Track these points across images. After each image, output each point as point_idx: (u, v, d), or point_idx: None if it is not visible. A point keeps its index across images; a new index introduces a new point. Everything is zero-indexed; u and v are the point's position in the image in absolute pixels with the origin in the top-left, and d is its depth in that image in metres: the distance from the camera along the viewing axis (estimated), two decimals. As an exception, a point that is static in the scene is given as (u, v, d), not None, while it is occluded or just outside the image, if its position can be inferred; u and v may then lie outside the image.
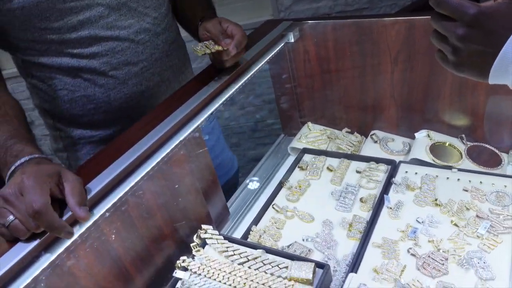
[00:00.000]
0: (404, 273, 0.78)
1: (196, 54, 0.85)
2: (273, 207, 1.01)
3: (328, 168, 1.10)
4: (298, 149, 1.19)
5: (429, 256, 0.78)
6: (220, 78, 0.93)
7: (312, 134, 1.24)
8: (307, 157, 1.16)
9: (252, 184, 1.16)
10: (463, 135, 1.05)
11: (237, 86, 0.93)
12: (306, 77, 1.20)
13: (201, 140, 0.91)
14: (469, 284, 0.74)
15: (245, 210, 1.08)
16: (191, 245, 0.84)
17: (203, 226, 0.84)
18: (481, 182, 0.93)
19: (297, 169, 1.13)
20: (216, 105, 0.87)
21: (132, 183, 0.72)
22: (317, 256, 0.86)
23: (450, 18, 0.54)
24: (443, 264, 0.76)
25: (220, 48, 0.84)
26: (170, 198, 0.85)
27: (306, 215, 0.97)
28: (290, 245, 0.90)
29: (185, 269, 0.81)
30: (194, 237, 0.84)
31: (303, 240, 0.91)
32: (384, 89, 1.09)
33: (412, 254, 0.80)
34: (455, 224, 0.84)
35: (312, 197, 1.03)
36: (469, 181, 0.94)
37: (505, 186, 0.94)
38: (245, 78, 0.95)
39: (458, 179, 0.95)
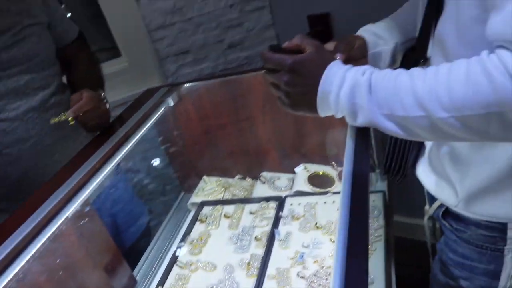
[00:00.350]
0: (297, 296, 0.85)
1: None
2: (177, 265, 1.04)
3: (225, 215, 1.17)
4: (197, 203, 1.25)
5: (314, 275, 0.87)
6: (103, 148, 0.97)
7: (208, 187, 1.31)
8: (205, 209, 1.22)
9: (157, 245, 1.19)
10: (333, 163, 1.20)
11: (121, 154, 0.98)
12: (193, 135, 1.29)
13: (93, 213, 0.94)
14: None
15: (152, 273, 1.09)
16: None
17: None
18: (352, 200, 1.07)
19: (197, 223, 1.18)
20: (100, 177, 0.91)
21: (17, 268, 0.72)
22: (221, 301, 0.91)
23: (277, 70, 0.66)
24: (326, 279, 0.86)
25: (64, 117, 0.94)
26: (66, 277, 0.84)
27: (208, 265, 1.01)
28: (197, 297, 0.93)
29: None
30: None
31: (209, 289, 0.95)
32: (260, 136, 1.22)
33: (302, 277, 0.89)
34: (333, 241, 0.95)
35: (213, 246, 1.09)
36: (343, 201, 1.07)
37: (373, 200, 1.09)
38: (128, 146, 1.01)
39: (333, 201, 1.08)
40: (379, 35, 0.81)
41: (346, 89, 0.59)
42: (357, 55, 0.77)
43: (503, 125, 0.49)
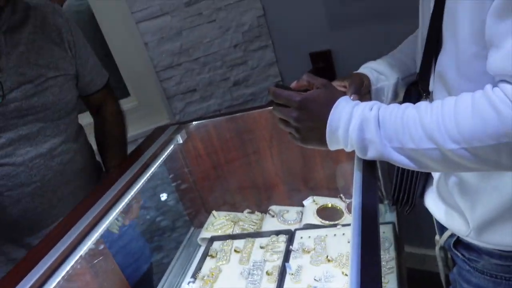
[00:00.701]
0: (311, 331, 0.85)
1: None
2: (188, 301, 1.04)
3: (235, 250, 1.17)
4: (207, 238, 1.26)
5: (328, 310, 0.87)
6: (115, 187, 0.99)
7: (217, 222, 1.32)
8: (215, 244, 1.22)
9: (168, 281, 1.18)
10: (341, 195, 1.21)
11: (131, 194, 1.00)
12: (202, 171, 1.31)
13: (106, 251, 0.95)
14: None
15: (164, 311, 1.09)
16: None
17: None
18: (361, 232, 1.07)
19: (208, 258, 1.18)
20: (111, 217, 0.93)
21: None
22: (234, 338, 0.90)
23: (286, 106, 0.70)
24: (340, 314, 0.85)
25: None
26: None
27: (220, 301, 1.01)
28: (208, 334, 0.92)
29: None
30: None
31: (220, 326, 0.94)
32: (268, 170, 1.24)
33: (315, 312, 0.88)
34: (346, 274, 0.95)
35: (224, 282, 1.08)
36: (353, 233, 1.08)
37: (384, 232, 1.09)
38: (139, 185, 1.03)
39: (343, 234, 1.08)
40: (380, 71, 0.85)
41: (355, 125, 0.61)
42: (362, 91, 0.81)
43: None
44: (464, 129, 0.52)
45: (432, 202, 0.84)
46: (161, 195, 1.22)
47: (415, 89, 0.79)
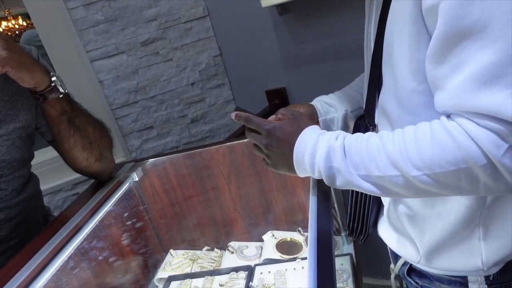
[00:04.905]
0: None
1: None
2: None
3: (194, 290, 1.14)
4: (164, 279, 1.21)
5: None
6: (66, 227, 0.94)
7: (175, 260, 1.28)
8: (173, 285, 1.18)
9: (122, 329, 1.12)
10: (300, 228, 1.22)
11: (84, 233, 0.96)
12: (158, 209, 1.29)
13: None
14: None
15: None
16: None
17: None
18: (320, 264, 1.08)
19: (165, 300, 1.14)
20: (62, 257, 0.88)
21: None
22: None
23: (258, 132, 0.72)
24: None
25: None
26: None
27: None
28: None
29: None
30: None
31: None
32: (227, 206, 1.24)
33: None
34: (306, 308, 0.95)
35: (183, 323, 1.04)
36: (311, 266, 1.08)
37: (342, 263, 1.10)
38: (92, 224, 0.99)
39: (303, 267, 1.08)
40: (330, 103, 0.90)
41: (321, 154, 0.64)
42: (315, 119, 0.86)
43: (471, 180, 0.54)
44: (424, 156, 0.55)
45: (385, 231, 0.87)
46: (116, 236, 1.17)
47: (363, 122, 0.83)
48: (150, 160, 1.25)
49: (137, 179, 1.22)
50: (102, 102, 1.88)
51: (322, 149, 0.65)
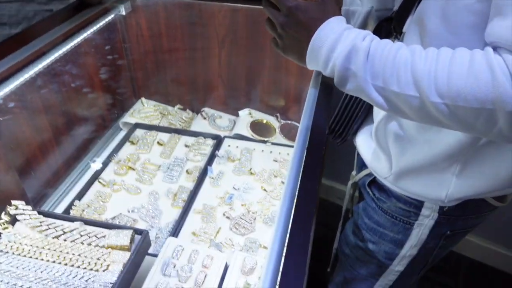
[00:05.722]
0: (219, 234, 0.87)
1: None
2: (99, 181, 1.00)
3: (158, 142, 1.13)
4: (131, 124, 1.19)
5: (240, 218, 0.89)
6: (34, 44, 0.86)
7: (145, 110, 1.25)
8: (138, 132, 1.17)
9: (81, 160, 1.12)
10: (278, 114, 1.20)
11: (58, 54, 0.88)
12: (139, 53, 1.20)
13: (6, 109, 0.84)
14: (271, 237, 0.87)
15: (69, 186, 1.04)
16: (-2, 222, 0.77)
17: (13, 202, 0.79)
18: (288, 154, 1.09)
19: (127, 144, 1.13)
20: (30, 73, 0.81)
21: None
22: (141, 225, 0.89)
23: (277, 7, 0.62)
24: (251, 223, 0.88)
25: None
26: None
27: (133, 187, 0.99)
28: (115, 217, 0.91)
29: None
30: (2, 214, 0.78)
31: (129, 211, 0.93)
32: (212, 70, 1.17)
33: (227, 217, 0.90)
34: (264, 189, 0.98)
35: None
36: (279, 153, 1.09)
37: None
38: (68, 46, 0.91)
39: (271, 152, 1.09)
40: None
41: (342, 51, 0.56)
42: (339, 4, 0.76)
43: (489, 122, 0.50)
44: (453, 85, 0.50)
45: (363, 141, 0.87)
46: (88, 64, 1.09)
47: (388, 25, 0.75)
48: (142, -5, 1.12)
49: (123, 13, 1.10)
50: None
51: (344, 46, 0.57)
